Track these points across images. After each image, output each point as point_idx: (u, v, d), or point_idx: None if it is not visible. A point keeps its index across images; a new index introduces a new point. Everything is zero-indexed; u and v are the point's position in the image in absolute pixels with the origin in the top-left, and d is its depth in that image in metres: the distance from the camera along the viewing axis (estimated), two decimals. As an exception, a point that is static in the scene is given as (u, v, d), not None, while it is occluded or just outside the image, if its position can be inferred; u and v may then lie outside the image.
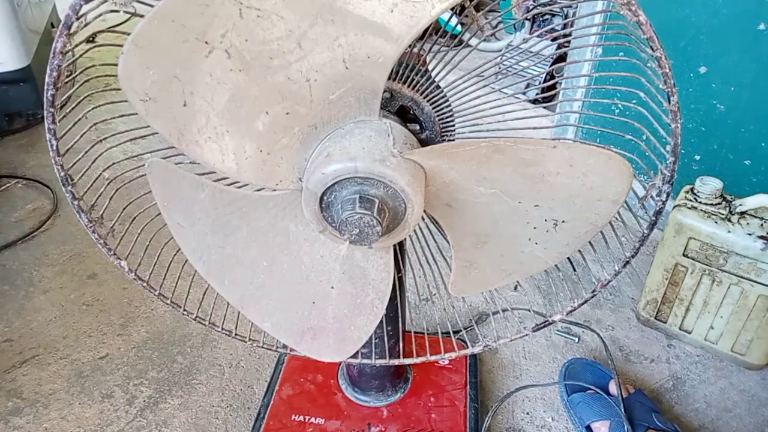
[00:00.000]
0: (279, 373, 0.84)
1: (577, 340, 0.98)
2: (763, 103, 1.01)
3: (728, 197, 0.90)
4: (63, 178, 0.49)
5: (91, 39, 0.45)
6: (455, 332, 0.91)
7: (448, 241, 0.54)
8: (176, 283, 0.64)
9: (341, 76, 0.43)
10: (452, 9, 0.41)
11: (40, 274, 1.09)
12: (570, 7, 1.46)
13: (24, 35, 1.45)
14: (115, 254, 0.57)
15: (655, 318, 0.99)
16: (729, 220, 0.87)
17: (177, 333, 0.98)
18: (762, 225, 0.85)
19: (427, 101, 0.52)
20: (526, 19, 1.74)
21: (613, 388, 0.84)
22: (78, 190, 0.51)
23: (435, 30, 0.50)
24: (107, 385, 0.89)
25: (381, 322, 0.66)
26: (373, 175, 0.44)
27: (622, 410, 0.78)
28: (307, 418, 0.78)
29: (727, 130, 1.07)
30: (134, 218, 0.57)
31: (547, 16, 1.73)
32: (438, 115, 0.53)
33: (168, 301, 0.62)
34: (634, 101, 0.48)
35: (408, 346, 0.73)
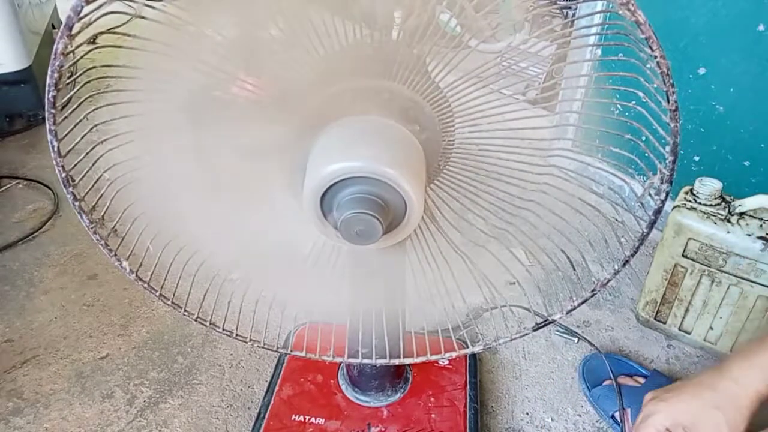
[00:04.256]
0: (279, 373, 0.85)
1: (576, 340, 0.98)
2: (762, 104, 1.01)
3: (727, 198, 0.90)
4: (64, 179, 0.49)
5: (92, 40, 0.45)
6: (455, 331, 0.91)
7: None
8: (177, 284, 0.64)
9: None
10: (452, 10, 0.41)
11: (41, 275, 1.10)
12: (570, 8, 1.46)
13: (25, 36, 1.45)
14: (116, 255, 0.57)
15: (655, 318, 1.00)
16: (728, 221, 0.87)
17: (177, 333, 0.98)
18: (761, 226, 0.86)
19: (427, 102, 0.52)
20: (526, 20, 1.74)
21: (624, 379, 0.86)
22: (79, 191, 0.51)
23: (435, 31, 0.50)
24: (108, 386, 0.89)
25: (381, 321, 0.66)
26: (374, 175, 0.45)
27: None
28: (308, 418, 0.78)
29: (727, 131, 1.07)
30: (135, 219, 0.57)
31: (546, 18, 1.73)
32: (438, 116, 0.53)
33: (169, 302, 0.63)
34: (633, 102, 0.48)
35: (408, 346, 0.73)
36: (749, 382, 0.60)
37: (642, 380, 0.86)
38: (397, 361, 0.71)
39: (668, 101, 0.44)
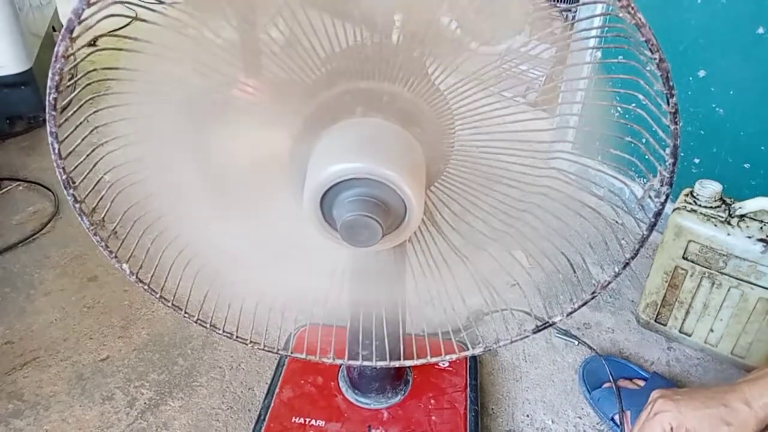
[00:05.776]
0: (279, 375, 0.84)
1: (576, 342, 0.98)
2: (762, 106, 1.01)
3: (728, 200, 0.90)
4: (65, 181, 0.49)
5: (92, 43, 0.46)
6: (455, 333, 0.91)
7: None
8: (177, 286, 0.64)
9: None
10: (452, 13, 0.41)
11: (41, 277, 1.10)
12: (569, 10, 1.46)
13: (25, 39, 1.46)
14: (116, 257, 0.57)
15: (655, 321, 1.00)
16: (728, 223, 0.87)
17: (178, 335, 0.98)
18: (761, 228, 0.86)
19: (427, 104, 0.52)
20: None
21: (624, 382, 0.86)
22: (80, 193, 0.51)
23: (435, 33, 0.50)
24: (108, 387, 0.89)
25: (382, 323, 0.66)
26: (374, 177, 0.45)
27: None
28: (308, 420, 0.78)
29: (727, 133, 1.07)
30: (135, 221, 0.57)
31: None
32: (438, 118, 0.53)
33: (169, 304, 0.63)
34: (633, 104, 0.48)
35: (408, 348, 0.73)
36: (759, 407, 0.62)
37: (641, 383, 0.86)
38: (397, 363, 0.71)
39: (668, 104, 0.44)
